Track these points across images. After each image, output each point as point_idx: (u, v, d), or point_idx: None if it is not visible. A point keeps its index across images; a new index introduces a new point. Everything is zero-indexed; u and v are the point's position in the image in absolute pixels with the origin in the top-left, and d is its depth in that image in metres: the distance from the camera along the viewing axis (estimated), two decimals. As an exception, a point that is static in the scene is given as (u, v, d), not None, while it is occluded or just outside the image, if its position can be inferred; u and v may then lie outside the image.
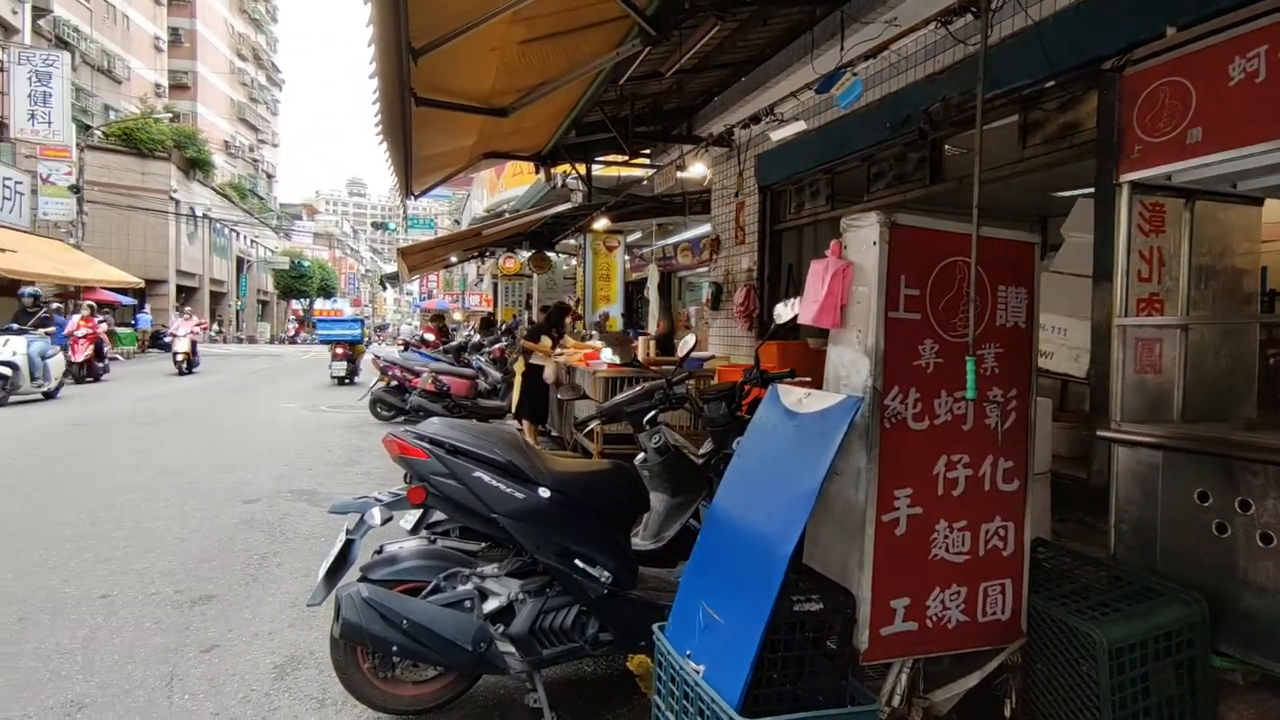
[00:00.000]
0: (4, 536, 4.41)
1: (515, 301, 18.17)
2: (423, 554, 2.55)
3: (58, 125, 20.83)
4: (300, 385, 15.64)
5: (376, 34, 3.29)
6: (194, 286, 36.41)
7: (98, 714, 2.52)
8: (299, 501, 5.48)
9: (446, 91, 5.04)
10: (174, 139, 31.87)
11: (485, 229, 12.11)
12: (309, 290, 56.71)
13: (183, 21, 45.21)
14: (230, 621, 3.31)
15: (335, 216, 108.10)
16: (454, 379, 9.39)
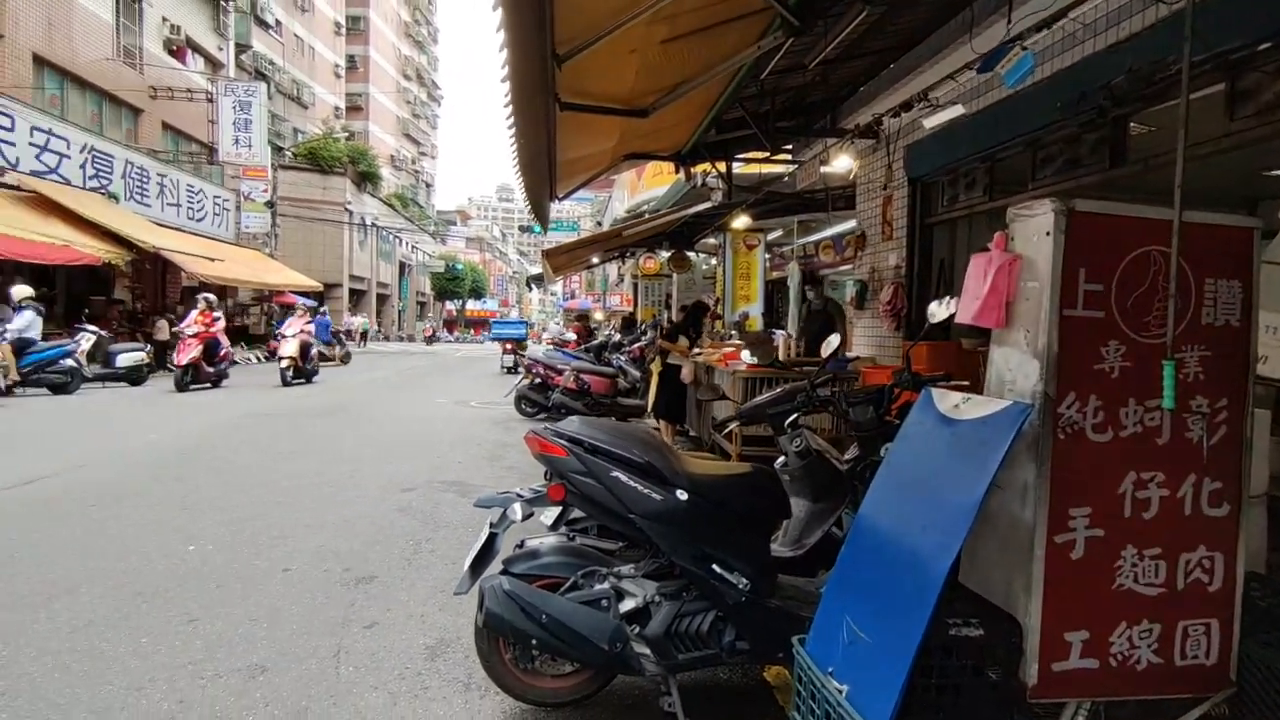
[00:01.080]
0: (206, 512, 4.99)
1: (655, 301, 18.36)
2: (562, 550, 2.60)
3: (257, 148, 23.49)
4: (452, 382, 16.66)
5: (515, 40, 3.37)
6: (363, 289, 39.88)
7: (277, 678, 2.77)
8: (449, 492, 5.80)
9: (588, 95, 5.14)
10: (349, 156, 35.04)
11: (626, 229, 12.32)
12: (461, 291, 60.50)
13: (358, 49, 49.63)
14: (388, 602, 3.54)
15: (486, 221, 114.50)
16: (594, 377, 9.62)
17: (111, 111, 20.23)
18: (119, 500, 5.23)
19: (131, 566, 3.88)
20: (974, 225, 5.88)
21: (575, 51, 4.00)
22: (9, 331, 10.95)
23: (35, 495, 5.29)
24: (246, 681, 2.73)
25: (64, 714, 2.48)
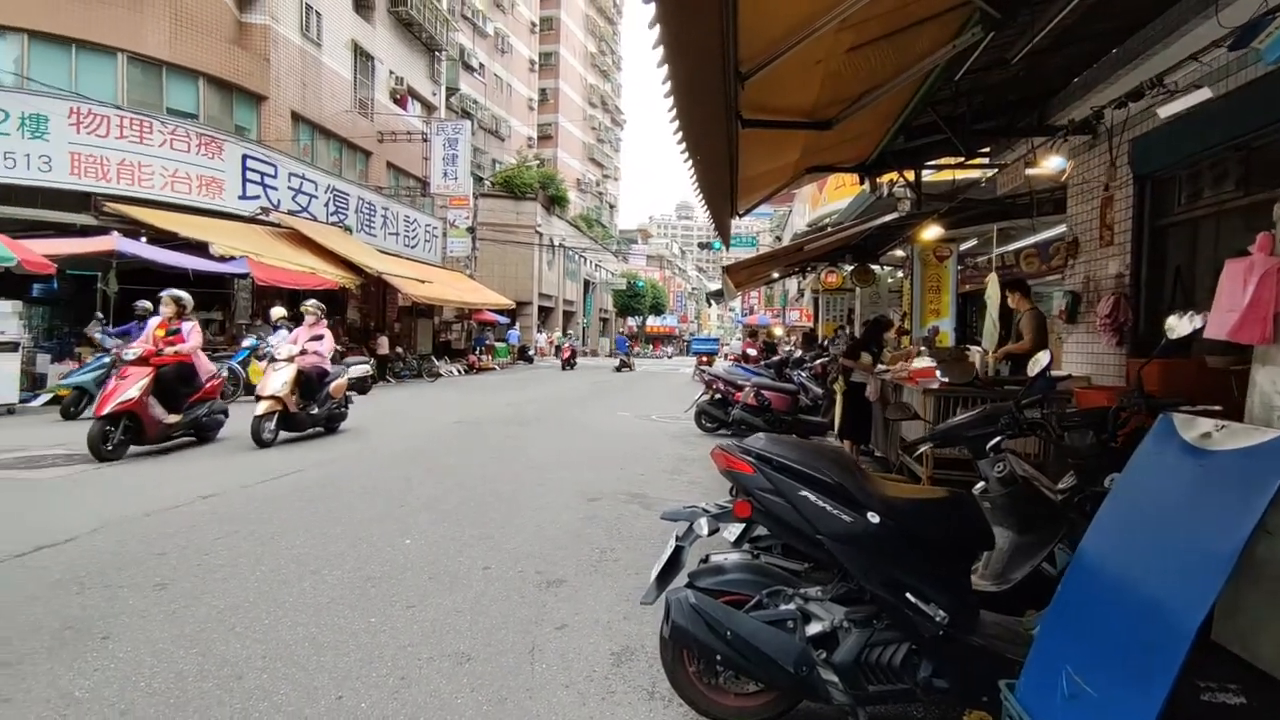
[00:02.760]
0: (420, 510, 5.54)
1: (836, 316, 17.79)
2: (746, 568, 2.58)
3: (461, 180, 25.91)
4: (633, 396, 17.19)
5: (691, 63, 3.42)
6: (551, 307, 42.37)
7: (480, 667, 3.00)
8: (632, 503, 5.98)
9: (770, 110, 5.13)
10: (539, 182, 37.55)
11: (807, 244, 12.08)
12: (642, 308, 62.33)
13: (549, 83, 53.17)
14: (577, 606, 3.71)
15: (665, 239, 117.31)
16: (775, 394, 9.49)
17: (348, 155, 23.28)
18: (353, 494, 5.95)
19: (362, 554, 4.40)
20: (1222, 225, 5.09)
21: (758, 68, 4.01)
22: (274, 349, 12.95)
23: (294, 486, 6.17)
24: (455, 667, 2.99)
25: (310, 677, 2.85)
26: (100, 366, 10.04)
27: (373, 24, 24.16)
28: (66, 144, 14.40)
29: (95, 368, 10.17)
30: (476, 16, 39.12)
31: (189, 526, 4.86)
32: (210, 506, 5.41)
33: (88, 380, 10.01)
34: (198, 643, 3.12)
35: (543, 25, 51.69)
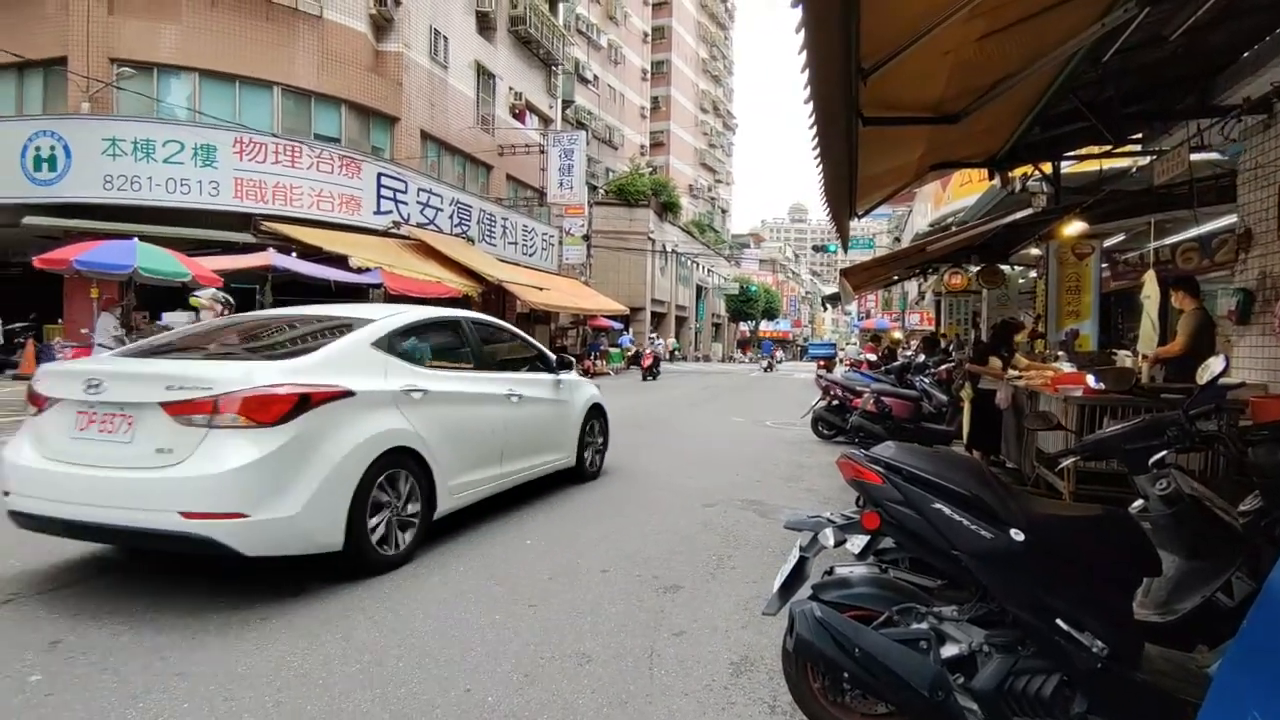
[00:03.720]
0: (539, 513, 5.70)
1: (960, 319, 16.87)
2: (874, 582, 2.47)
3: (577, 189, 26.63)
4: (747, 401, 16.99)
5: (819, 60, 3.33)
6: (664, 312, 42.65)
7: (600, 669, 3.04)
8: (749, 510, 5.89)
9: (893, 106, 4.93)
10: (652, 189, 37.96)
11: (929, 244, 11.52)
12: (755, 313, 61.63)
13: (661, 90, 53.69)
14: (694, 612, 3.69)
15: (778, 243, 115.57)
16: (896, 400, 9.10)
17: (471, 169, 24.47)
18: (475, 494, 6.21)
19: (485, 552, 4.57)
20: None
21: (882, 63, 3.87)
22: None
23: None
24: (576, 667, 3.04)
25: (442, 668, 2.99)
26: None
27: (494, 44, 25.29)
28: (231, 170, 15.98)
29: None
30: (590, 30, 40.13)
31: (332, 520, 5.23)
32: (350, 502, 5.80)
33: None
34: (340, 629, 3.34)
35: (654, 35, 52.32)
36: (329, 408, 3.86)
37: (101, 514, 3.55)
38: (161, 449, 3.53)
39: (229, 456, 3.50)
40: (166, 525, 3.45)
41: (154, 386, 3.61)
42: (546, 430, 6.14)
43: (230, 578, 3.95)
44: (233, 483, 3.48)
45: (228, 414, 3.53)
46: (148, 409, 3.58)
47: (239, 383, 3.61)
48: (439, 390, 4.74)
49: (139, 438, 3.58)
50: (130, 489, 3.53)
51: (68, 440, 3.72)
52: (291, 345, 4.42)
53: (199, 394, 3.53)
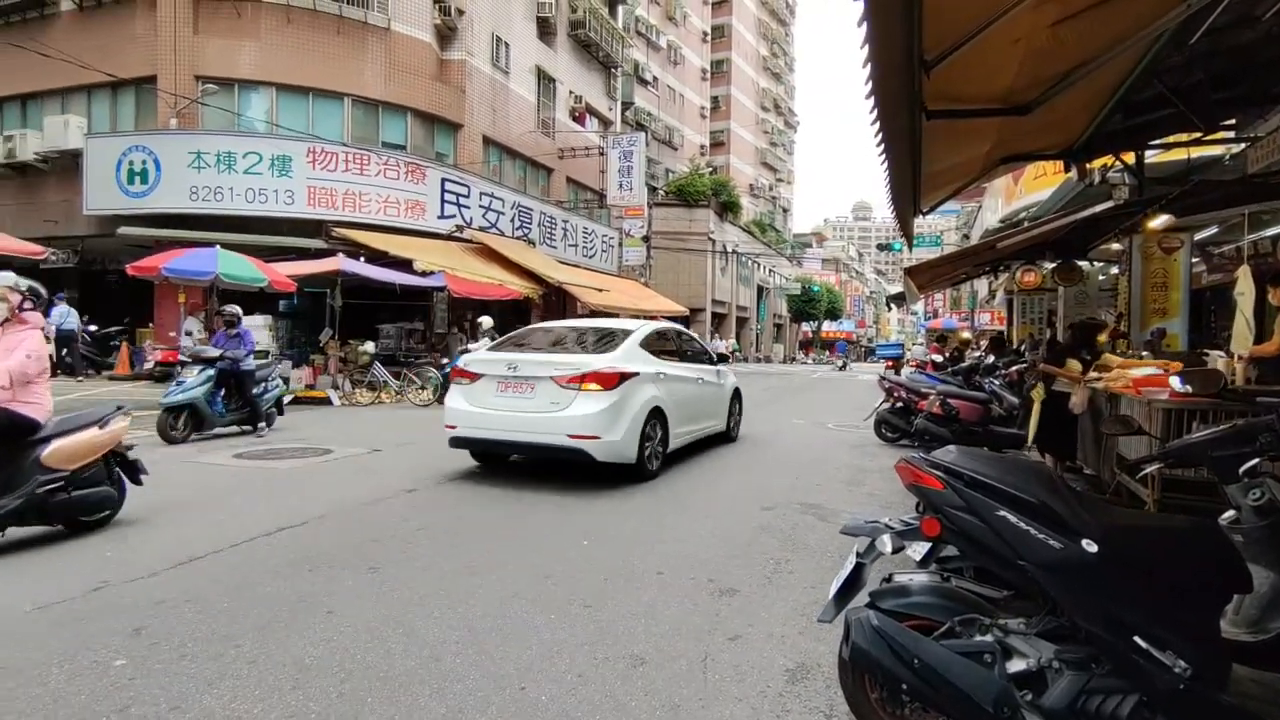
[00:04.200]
0: (595, 514, 5.73)
1: (1034, 319, 16.19)
2: (935, 591, 2.38)
3: (636, 191, 26.72)
4: (808, 403, 16.71)
5: (880, 53, 3.24)
6: (724, 313, 42.36)
7: (653, 671, 3.02)
8: (808, 514, 5.78)
9: (959, 99, 4.75)
10: (712, 189, 37.75)
11: (1000, 240, 11.09)
12: (817, 313, 60.64)
13: (721, 90, 53.41)
14: (750, 617, 3.64)
15: (841, 242, 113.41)
16: (963, 403, 8.78)
17: (532, 173, 24.84)
18: (534, 495, 6.29)
19: (544, 551, 4.62)
20: None
21: (946, 54, 3.73)
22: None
23: (479, 485, 6.64)
24: (629, 669, 3.04)
25: (498, 665, 3.03)
26: (202, 381, 8.76)
27: (554, 48, 25.61)
28: (305, 179, 16.66)
29: (195, 384, 8.70)
30: (650, 31, 40.24)
31: (396, 517, 5.38)
32: (411, 500, 5.95)
33: (197, 395, 8.65)
34: (402, 624, 3.42)
35: (714, 34, 52.08)
36: (631, 380, 6.66)
37: (516, 435, 6.66)
38: (554, 402, 6.47)
39: (591, 406, 6.36)
40: (559, 442, 6.39)
41: (546, 368, 6.59)
42: (713, 404, 8.95)
43: (298, 570, 4.11)
44: (594, 419, 6.32)
45: (590, 383, 6.41)
46: (543, 380, 6.54)
47: (593, 365, 6.51)
48: (669, 373, 7.55)
49: (539, 396, 6.56)
50: (535, 422, 6.51)
51: (492, 398, 6.76)
52: (604, 344, 7.12)
53: (573, 372, 6.47)
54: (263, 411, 9.42)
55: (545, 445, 6.56)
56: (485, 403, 6.81)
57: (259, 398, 9.39)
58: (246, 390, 9.24)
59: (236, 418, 9.23)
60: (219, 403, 8.96)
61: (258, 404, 9.33)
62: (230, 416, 9.12)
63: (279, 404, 10.01)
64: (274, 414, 9.83)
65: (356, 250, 15.67)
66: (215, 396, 8.91)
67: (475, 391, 6.90)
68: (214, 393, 8.87)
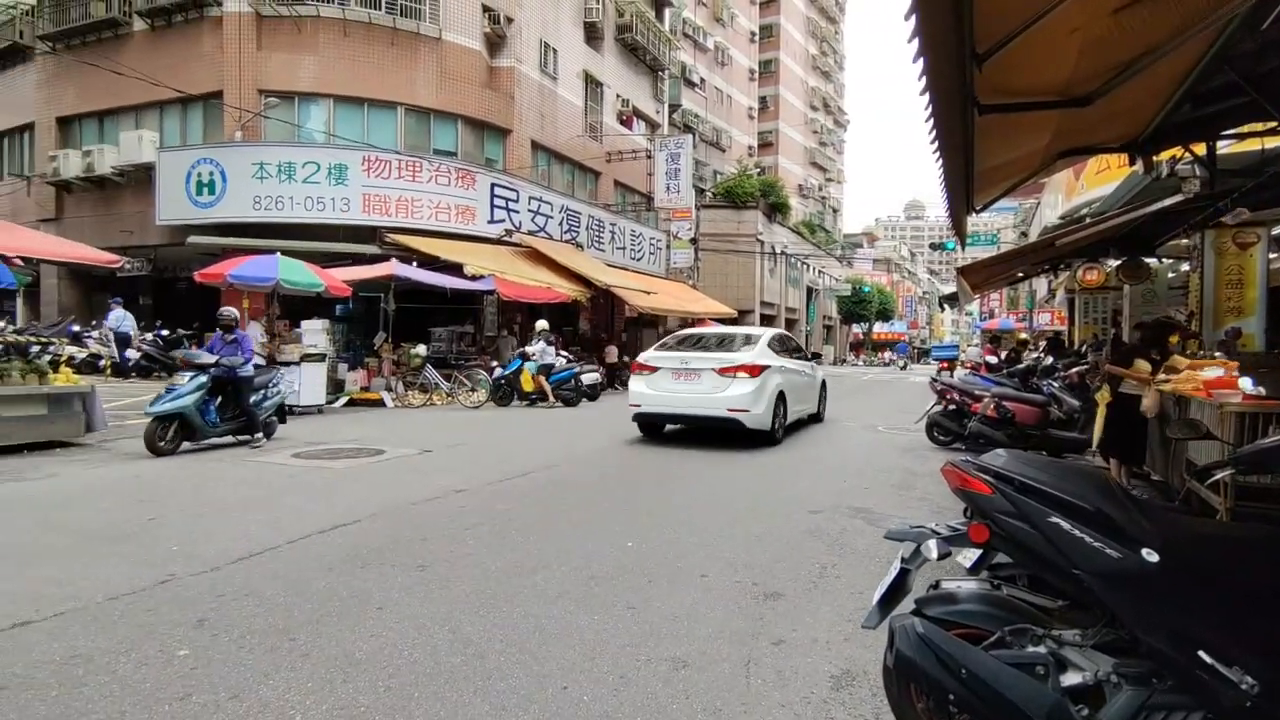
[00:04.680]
0: (640, 514, 5.74)
1: (1097, 318, 15.58)
2: (984, 599, 2.30)
3: (684, 193, 26.67)
4: (858, 405, 16.41)
5: (931, 46, 3.16)
6: (773, 314, 41.92)
7: (695, 674, 3.01)
8: (856, 518, 5.68)
9: (1013, 92, 4.61)
10: (760, 190, 37.42)
11: (1059, 238, 10.70)
12: (868, 314, 59.56)
13: (769, 90, 52.96)
14: (795, 622, 3.59)
15: (893, 241, 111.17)
16: (1019, 405, 8.51)
17: (579, 177, 25.05)
18: (581, 495, 6.34)
19: (588, 553, 4.64)
20: None
21: (999, 46, 3.63)
22: (536, 358, 14.52)
23: (530, 485, 6.73)
24: (671, 672, 3.03)
25: (539, 663, 3.06)
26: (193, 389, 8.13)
27: (601, 53, 25.79)
28: (360, 187, 17.13)
29: (186, 392, 8.09)
30: (697, 33, 40.19)
31: (445, 517, 5.48)
32: (461, 500, 6.06)
33: (187, 404, 8.04)
34: (449, 621, 3.48)
35: (762, 34, 51.69)
36: (766, 371, 9.16)
37: (687, 410, 9.33)
38: (716, 386, 9.04)
39: (743, 389, 8.91)
40: (721, 414, 8.94)
41: (710, 362, 9.23)
42: (811, 391, 11.68)
43: (351, 567, 4.22)
44: (745, 398, 8.85)
45: (742, 373, 8.96)
46: (707, 371, 9.14)
47: (742, 360, 9.12)
48: (787, 367, 10.10)
49: (704, 382, 9.14)
50: (702, 401, 9.10)
51: (668, 384, 9.39)
52: (745, 345, 9.75)
53: (730, 364, 9.08)
54: (260, 421, 8.85)
55: (710, 416, 9.19)
56: (662, 388, 9.48)
57: (257, 406, 8.89)
58: (243, 399, 8.72)
59: (232, 427, 8.66)
60: (212, 412, 8.40)
61: (254, 413, 8.79)
62: (225, 426, 8.55)
63: (281, 412, 9.61)
64: (274, 423, 9.33)
65: (409, 255, 16.04)
66: (208, 405, 8.35)
67: (654, 380, 9.56)
68: (207, 401, 8.32)
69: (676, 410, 9.47)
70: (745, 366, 9.08)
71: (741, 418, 8.89)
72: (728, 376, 9.04)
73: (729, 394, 8.95)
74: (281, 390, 9.57)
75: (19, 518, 5.32)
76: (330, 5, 18.02)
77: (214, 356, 8.52)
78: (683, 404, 9.34)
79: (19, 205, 20.75)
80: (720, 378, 9.07)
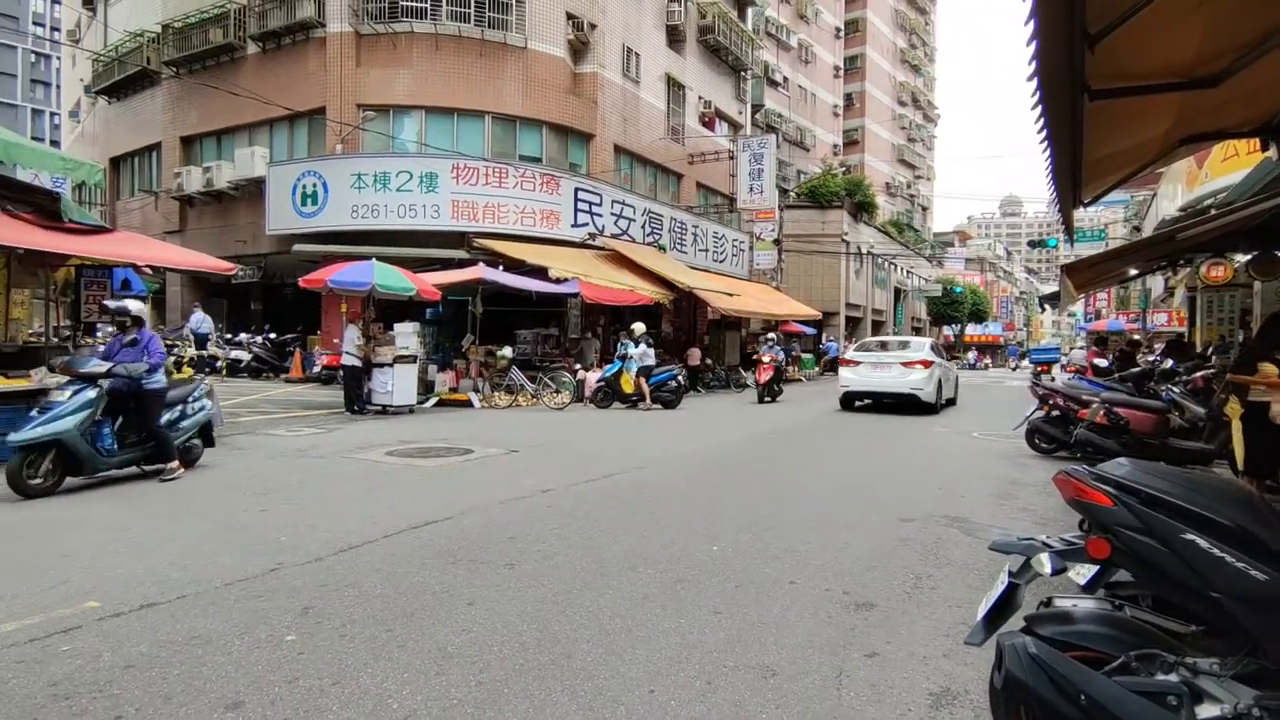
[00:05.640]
0: (725, 518, 5.67)
1: (1224, 318, 14.40)
2: (1104, 620, 2.14)
3: (767, 194, 26.33)
4: (949, 410, 15.73)
5: (1042, 26, 2.97)
6: (859, 317, 40.82)
7: (784, 684, 2.93)
8: (951, 528, 5.43)
9: (1128, 75, 4.30)
10: (845, 189, 36.50)
11: (1180, 231, 9.91)
12: (960, 316, 57.13)
13: (854, 86, 51.66)
14: (889, 634, 3.45)
15: (988, 240, 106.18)
16: (1134, 412, 7.93)
17: (662, 180, 25.11)
18: (666, 498, 6.32)
19: (672, 555, 4.62)
20: None
21: (1113, 26, 3.39)
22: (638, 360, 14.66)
23: (614, 487, 6.77)
24: (760, 680, 2.96)
25: (626, 665, 3.05)
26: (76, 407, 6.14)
27: (683, 55, 25.78)
28: (450, 194, 17.75)
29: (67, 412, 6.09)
30: (780, 31, 39.61)
31: (531, 516, 5.58)
32: (548, 500, 6.15)
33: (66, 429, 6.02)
34: (537, 619, 3.53)
35: (848, 29, 50.45)
36: (933, 365, 14.24)
37: (882, 389, 14.39)
38: (901, 374, 14.19)
39: (920, 375, 13.99)
40: (905, 391, 14.03)
41: (896, 358, 14.60)
42: (950, 381, 16.05)
43: (442, 562, 4.35)
44: (921, 382, 13.96)
45: (918, 365, 14.13)
46: (894, 364, 14.38)
47: (919, 356, 14.44)
48: (941, 363, 15.12)
49: (893, 370, 14.33)
50: (892, 383, 14.21)
51: (869, 373, 14.58)
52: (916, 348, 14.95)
53: (911, 359, 14.40)
54: (174, 447, 6.84)
55: (897, 393, 14.14)
56: (863, 374, 14.63)
57: (172, 427, 6.95)
58: (150, 418, 6.71)
59: (135, 455, 6.70)
60: (107, 436, 6.46)
61: (165, 437, 6.80)
62: (126, 454, 6.60)
63: (207, 432, 7.52)
64: (197, 448, 7.37)
65: (496, 259, 16.47)
66: (102, 428, 6.41)
67: (858, 370, 14.73)
68: (99, 423, 6.36)
69: (874, 389, 14.46)
70: (921, 361, 14.18)
71: (918, 394, 13.92)
72: (909, 368, 14.16)
73: (910, 379, 14.03)
74: (207, 406, 7.47)
75: (148, 504, 5.77)
76: (423, 21, 18.76)
77: (106, 364, 6.43)
78: (878, 385, 14.35)
79: (148, 219, 22.58)
80: (904, 368, 14.19)
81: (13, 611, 3.51)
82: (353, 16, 18.79)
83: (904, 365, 14.05)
